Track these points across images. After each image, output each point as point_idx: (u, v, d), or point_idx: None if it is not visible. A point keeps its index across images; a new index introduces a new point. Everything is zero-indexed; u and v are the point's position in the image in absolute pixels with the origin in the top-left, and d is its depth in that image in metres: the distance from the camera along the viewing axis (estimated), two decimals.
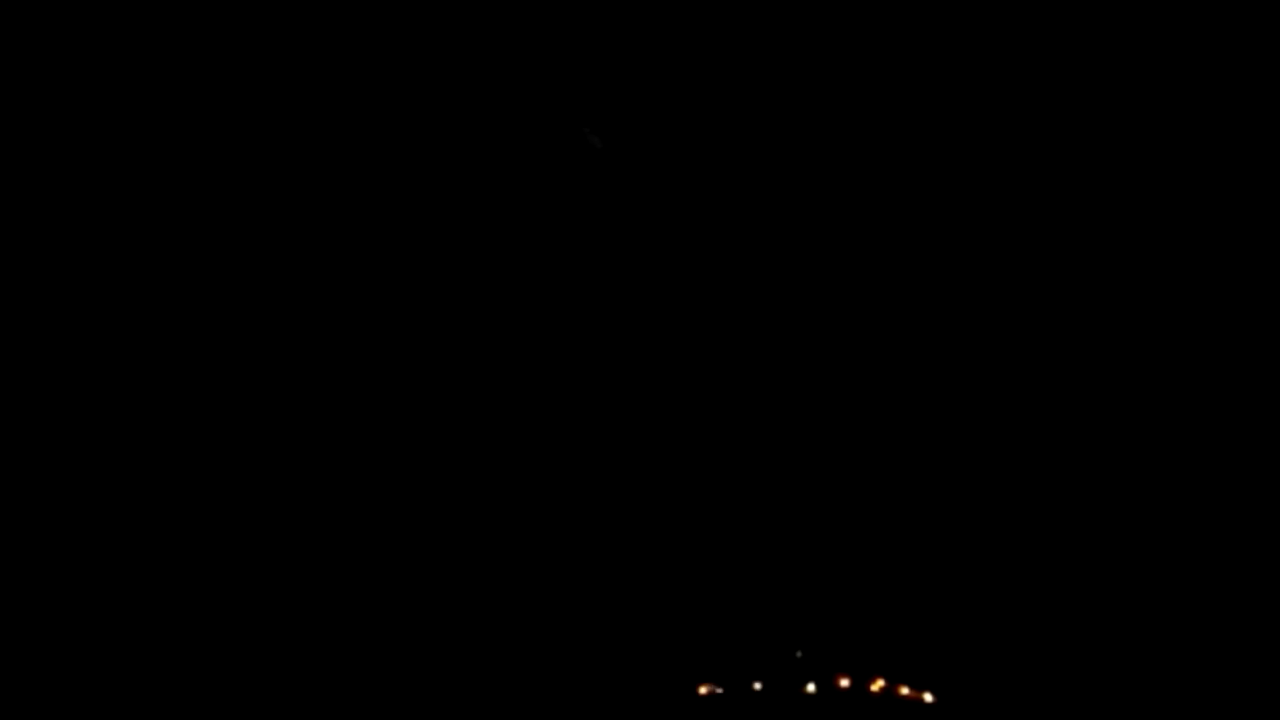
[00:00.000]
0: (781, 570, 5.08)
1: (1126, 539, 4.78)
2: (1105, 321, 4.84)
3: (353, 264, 4.85)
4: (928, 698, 4.97)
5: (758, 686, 4.97)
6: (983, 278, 4.83)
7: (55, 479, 4.78)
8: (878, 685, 4.97)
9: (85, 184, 4.75)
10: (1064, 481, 4.87)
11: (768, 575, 5.08)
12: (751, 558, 5.07)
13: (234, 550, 4.90)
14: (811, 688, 4.94)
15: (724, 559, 5.07)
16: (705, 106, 4.75)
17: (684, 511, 5.03)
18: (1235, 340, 4.77)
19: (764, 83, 4.77)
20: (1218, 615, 4.78)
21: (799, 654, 4.96)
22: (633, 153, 4.65)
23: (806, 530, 5.04)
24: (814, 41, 4.78)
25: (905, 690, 4.98)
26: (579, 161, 4.60)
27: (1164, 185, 4.82)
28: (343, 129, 4.79)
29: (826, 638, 5.03)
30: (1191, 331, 4.78)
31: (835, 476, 4.99)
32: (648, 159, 4.66)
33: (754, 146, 4.83)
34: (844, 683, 4.95)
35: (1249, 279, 4.75)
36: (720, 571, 5.07)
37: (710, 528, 5.04)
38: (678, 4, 4.69)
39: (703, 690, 5.00)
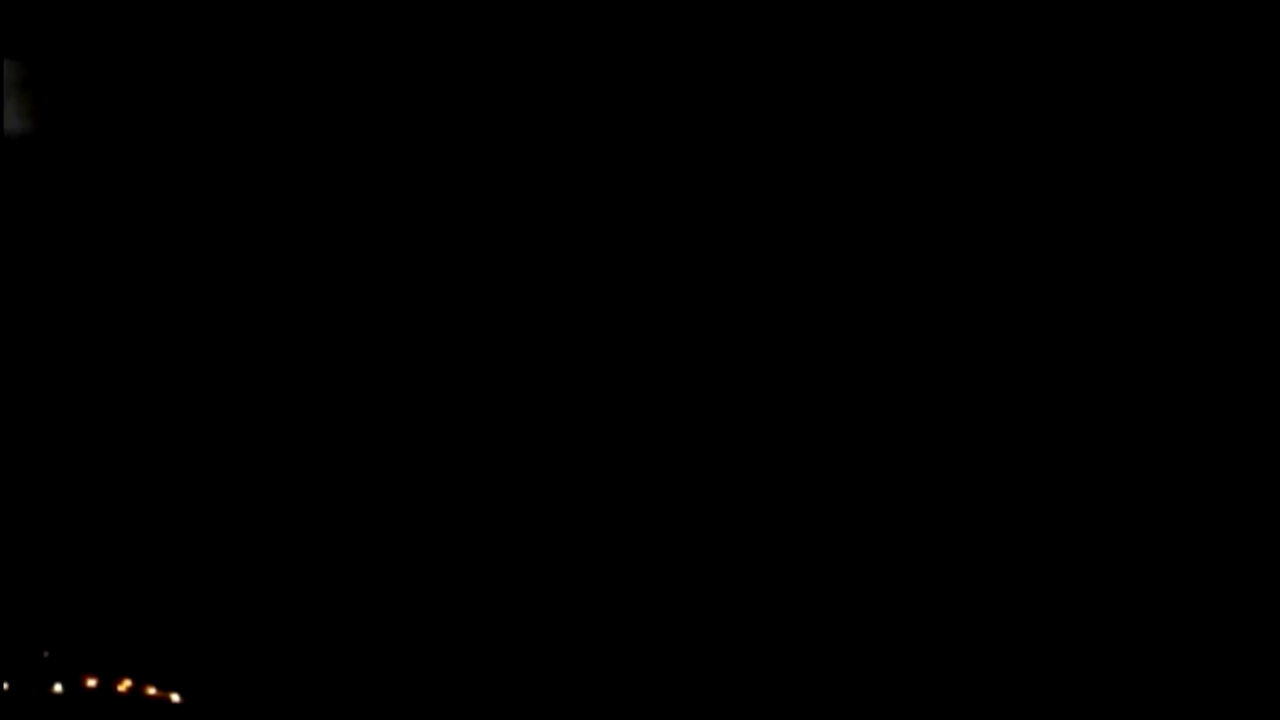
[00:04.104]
0: (63, 569, 4.91)
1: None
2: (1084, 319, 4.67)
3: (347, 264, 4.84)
4: (175, 698, 4.77)
5: (5, 686, 4.81)
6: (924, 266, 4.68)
7: (55, 477, 4.84)
8: (124, 685, 4.78)
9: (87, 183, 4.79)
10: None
11: (48, 572, 4.91)
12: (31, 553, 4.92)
13: (230, 549, 4.93)
14: (59, 688, 4.77)
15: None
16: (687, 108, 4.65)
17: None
18: (1235, 340, 4.62)
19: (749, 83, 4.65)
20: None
21: (46, 654, 4.79)
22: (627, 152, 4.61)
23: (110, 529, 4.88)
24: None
25: (153, 690, 4.78)
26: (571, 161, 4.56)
27: (1164, 185, 4.66)
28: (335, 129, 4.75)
29: (74, 638, 4.86)
30: (1189, 331, 4.62)
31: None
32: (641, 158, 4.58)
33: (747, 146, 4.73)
34: (91, 683, 4.77)
35: (1248, 279, 4.59)
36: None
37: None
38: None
39: None
